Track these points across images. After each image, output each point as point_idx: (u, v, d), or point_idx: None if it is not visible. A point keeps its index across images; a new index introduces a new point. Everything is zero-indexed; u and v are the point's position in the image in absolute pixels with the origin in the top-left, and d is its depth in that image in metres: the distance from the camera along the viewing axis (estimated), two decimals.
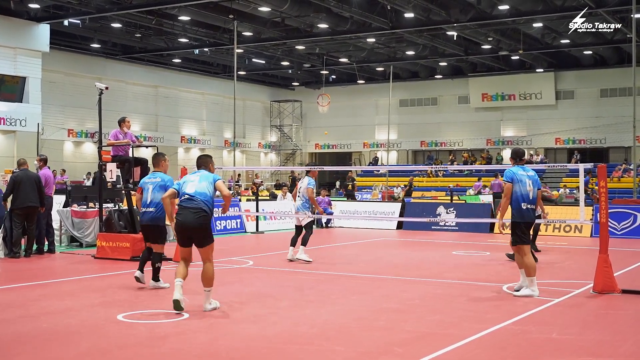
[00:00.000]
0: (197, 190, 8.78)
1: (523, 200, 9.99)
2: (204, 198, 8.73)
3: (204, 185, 8.83)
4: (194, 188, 8.81)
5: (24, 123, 33.25)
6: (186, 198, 8.75)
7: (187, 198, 8.74)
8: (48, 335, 7.50)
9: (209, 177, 8.94)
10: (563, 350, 6.98)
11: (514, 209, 10.04)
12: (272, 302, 9.43)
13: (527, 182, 10.06)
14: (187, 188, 8.85)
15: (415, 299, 9.79)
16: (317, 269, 13.17)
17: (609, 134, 45.35)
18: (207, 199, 8.77)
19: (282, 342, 7.20)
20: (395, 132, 52.25)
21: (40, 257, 14.76)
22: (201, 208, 8.67)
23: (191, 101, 49.57)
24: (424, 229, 22.26)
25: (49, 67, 35.99)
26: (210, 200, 8.79)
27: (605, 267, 10.14)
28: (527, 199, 10.02)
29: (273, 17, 34.65)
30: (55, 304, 9.25)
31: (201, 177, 8.93)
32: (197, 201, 8.70)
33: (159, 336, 7.43)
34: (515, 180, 10.02)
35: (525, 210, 9.99)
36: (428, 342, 7.29)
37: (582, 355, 6.83)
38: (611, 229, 19.16)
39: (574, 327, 8.07)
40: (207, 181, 8.87)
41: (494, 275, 12.18)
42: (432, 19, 33.64)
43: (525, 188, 10.01)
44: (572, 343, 7.28)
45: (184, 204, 8.76)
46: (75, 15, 33.53)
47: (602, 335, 7.64)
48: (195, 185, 8.83)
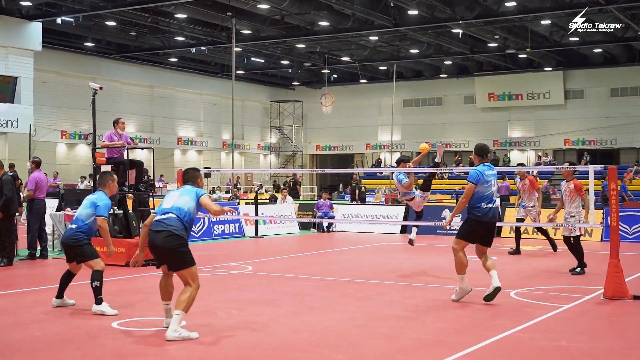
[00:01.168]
0: (175, 205, 7.70)
1: (483, 201, 9.64)
2: (179, 214, 7.61)
3: (185, 200, 7.74)
4: (171, 202, 7.76)
5: (16, 124, 33.14)
6: (158, 218, 7.70)
7: (159, 218, 7.70)
8: (40, 343, 7.43)
9: (191, 192, 7.80)
10: (572, 358, 6.91)
11: (473, 207, 9.68)
12: (272, 309, 9.37)
13: (492, 182, 9.74)
14: (165, 203, 7.82)
15: (420, 306, 9.67)
16: (317, 274, 13.05)
17: (619, 134, 44.82)
18: (183, 216, 7.64)
19: (281, 350, 7.15)
20: (399, 133, 51.74)
21: (32, 263, 14.48)
22: (170, 229, 7.55)
23: (188, 101, 49.12)
24: (428, 233, 21.86)
25: (41, 67, 35.71)
26: (186, 218, 7.65)
27: (616, 272, 9.94)
28: (490, 199, 9.69)
29: (272, 14, 34.37)
30: (47, 311, 9.09)
31: (182, 192, 7.87)
32: (168, 220, 7.61)
33: (155, 344, 7.35)
34: (481, 181, 9.62)
35: (485, 209, 9.62)
36: (432, 350, 7.19)
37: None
38: (622, 233, 18.74)
39: (584, 334, 7.98)
40: (189, 196, 7.76)
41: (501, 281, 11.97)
42: (437, 16, 33.43)
43: (490, 189, 9.69)
44: (582, 351, 7.19)
45: (155, 222, 7.70)
46: (69, 13, 33.32)
47: (613, 343, 7.54)
48: (173, 200, 7.78)
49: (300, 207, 25.95)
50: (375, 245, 18.62)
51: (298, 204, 26.65)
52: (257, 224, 22.03)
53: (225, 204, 25.17)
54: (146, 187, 15.56)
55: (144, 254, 7.97)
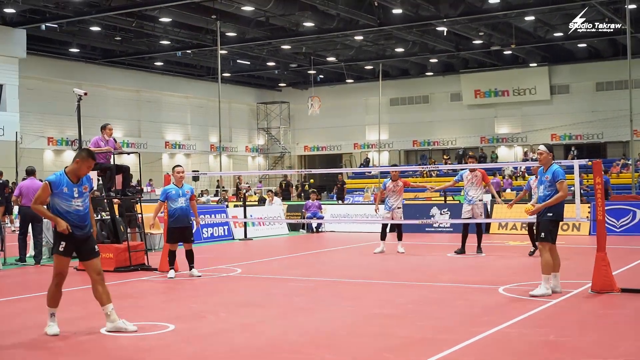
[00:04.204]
0: None
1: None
2: None
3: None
4: None
5: (2, 132, 33.39)
6: None
7: None
8: (29, 350, 7.40)
9: None
10: (561, 353, 6.91)
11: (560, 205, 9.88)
12: (261, 311, 9.36)
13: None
14: None
15: (409, 304, 9.64)
16: (307, 275, 12.99)
17: (606, 128, 44.86)
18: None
19: (270, 352, 7.13)
20: (387, 132, 51.78)
21: (23, 270, 14.51)
22: None
23: (175, 105, 49.08)
24: (417, 231, 21.86)
25: (26, 74, 35.76)
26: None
27: (604, 266, 9.99)
28: None
29: (257, 16, 34.42)
30: (36, 317, 8.92)
31: None
32: None
33: (144, 349, 7.29)
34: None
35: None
36: (421, 347, 7.18)
37: (579, 356, 6.76)
38: (610, 226, 18.90)
39: (572, 328, 8.00)
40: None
41: (489, 278, 12.04)
42: (421, 15, 33.54)
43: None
44: (570, 345, 7.20)
45: None
46: (53, 20, 33.32)
47: (601, 336, 7.58)
48: None
49: (289, 208, 25.91)
50: (364, 244, 18.49)
51: (287, 205, 26.63)
52: (246, 226, 21.89)
53: (214, 207, 25.17)
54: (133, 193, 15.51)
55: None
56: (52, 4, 30.76)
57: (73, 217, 7.86)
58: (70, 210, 7.85)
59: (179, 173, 12.62)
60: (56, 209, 7.81)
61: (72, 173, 7.93)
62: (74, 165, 7.96)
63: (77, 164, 7.93)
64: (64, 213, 7.80)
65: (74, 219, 7.86)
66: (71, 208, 7.85)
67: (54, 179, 7.82)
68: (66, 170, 7.98)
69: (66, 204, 7.82)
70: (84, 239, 7.97)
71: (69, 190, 7.83)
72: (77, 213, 7.92)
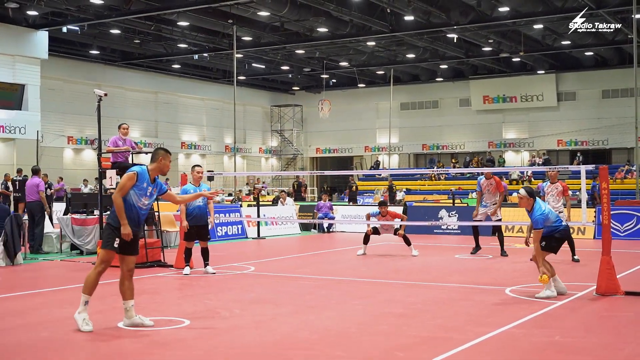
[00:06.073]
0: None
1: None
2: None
3: None
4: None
5: (23, 130, 33.18)
6: None
7: None
8: (47, 344, 7.37)
9: None
10: (566, 354, 6.94)
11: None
12: (273, 308, 9.31)
13: None
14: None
15: (418, 304, 9.66)
16: (318, 274, 13.02)
17: (611, 135, 45.19)
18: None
19: (282, 349, 7.13)
20: (397, 135, 52.19)
21: (41, 265, 14.67)
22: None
23: (191, 107, 49.49)
24: (425, 232, 22.02)
25: (47, 74, 35.98)
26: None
27: (608, 269, 10.06)
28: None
29: (272, 21, 34.63)
30: (55, 312, 9.08)
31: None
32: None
33: (160, 343, 7.33)
34: None
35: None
36: (430, 346, 7.20)
37: (584, 357, 6.80)
38: (614, 231, 19.00)
39: (577, 330, 8.01)
40: None
41: (496, 279, 12.08)
42: (432, 22, 33.64)
43: None
44: (575, 346, 7.23)
45: None
46: (74, 22, 33.49)
47: (605, 338, 7.60)
48: None
49: (301, 209, 26.16)
50: (374, 245, 17.92)
51: (299, 206, 26.97)
52: (259, 225, 22.14)
53: (228, 207, 25.86)
54: None
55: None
56: (74, 7, 30.92)
57: (136, 213, 7.83)
58: (137, 206, 7.83)
59: (199, 173, 12.67)
60: (125, 199, 7.78)
61: (155, 171, 7.97)
62: (155, 164, 7.97)
63: (160, 162, 7.97)
64: (130, 206, 7.79)
65: (136, 216, 7.84)
66: (139, 204, 7.84)
67: (140, 171, 7.80)
68: (149, 168, 7.96)
69: (137, 199, 7.79)
70: (135, 238, 7.97)
71: (146, 187, 7.85)
72: (141, 211, 7.91)
